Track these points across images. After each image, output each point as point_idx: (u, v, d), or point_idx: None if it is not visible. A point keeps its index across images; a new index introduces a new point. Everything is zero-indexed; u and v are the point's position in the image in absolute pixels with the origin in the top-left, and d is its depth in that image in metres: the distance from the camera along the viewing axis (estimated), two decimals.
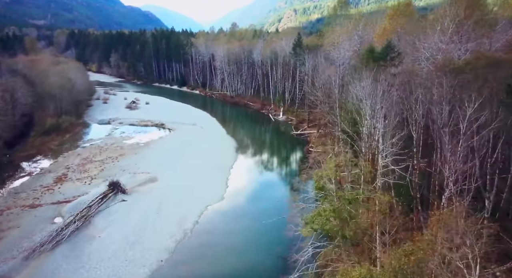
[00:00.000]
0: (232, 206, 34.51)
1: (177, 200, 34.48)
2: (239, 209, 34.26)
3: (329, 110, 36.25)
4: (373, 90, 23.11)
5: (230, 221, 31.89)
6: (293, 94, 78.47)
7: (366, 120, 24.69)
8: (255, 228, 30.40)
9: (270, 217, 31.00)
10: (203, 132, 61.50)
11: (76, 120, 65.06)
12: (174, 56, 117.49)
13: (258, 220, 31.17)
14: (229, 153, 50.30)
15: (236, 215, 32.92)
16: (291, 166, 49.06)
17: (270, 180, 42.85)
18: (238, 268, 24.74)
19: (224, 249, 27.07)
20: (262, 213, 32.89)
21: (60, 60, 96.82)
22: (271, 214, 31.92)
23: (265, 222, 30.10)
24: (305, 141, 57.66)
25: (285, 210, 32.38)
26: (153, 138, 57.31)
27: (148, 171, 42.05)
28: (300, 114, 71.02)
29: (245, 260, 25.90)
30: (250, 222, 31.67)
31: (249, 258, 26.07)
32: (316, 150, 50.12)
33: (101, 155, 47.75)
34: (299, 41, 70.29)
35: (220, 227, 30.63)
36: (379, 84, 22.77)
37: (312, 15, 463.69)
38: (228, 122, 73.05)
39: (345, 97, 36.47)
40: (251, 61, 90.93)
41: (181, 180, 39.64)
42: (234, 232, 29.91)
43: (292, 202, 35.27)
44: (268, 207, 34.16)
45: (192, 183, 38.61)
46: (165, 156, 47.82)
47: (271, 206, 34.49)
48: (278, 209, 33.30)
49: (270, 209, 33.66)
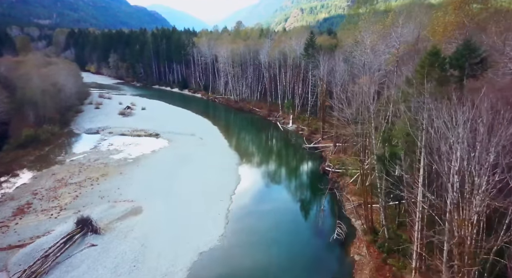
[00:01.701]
0: (233, 253, 26.75)
1: (163, 243, 26.87)
2: (241, 257, 26.52)
3: (361, 132, 28.25)
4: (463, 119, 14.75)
5: (229, 275, 24.19)
6: (303, 99, 70.69)
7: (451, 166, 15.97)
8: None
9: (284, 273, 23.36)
10: (202, 145, 53.92)
11: (60, 130, 57.80)
12: (175, 57, 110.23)
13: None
14: (231, 173, 42.61)
15: (236, 266, 25.19)
16: (306, 191, 41.03)
17: (280, 211, 34.87)
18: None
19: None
20: (271, 265, 25.12)
21: (51, 61, 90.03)
22: (284, 268, 24.27)
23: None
24: (320, 156, 49.78)
25: (304, 263, 24.70)
26: (144, 152, 49.83)
27: (132, 198, 34.57)
28: (312, 123, 63.11)
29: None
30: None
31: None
32: (333, 168, 42.29)
33: (79, 175, 40.33)
34: (311, 41, 62.38)
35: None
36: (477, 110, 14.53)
37: (319, 15, 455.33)
38: (231, 132, 65.39)
39: (385, 116, 28.65)
40: (257, 63, 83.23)
41: (170, 212, 32.08)
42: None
43: (312, 248, 27.67)
44: (280, 256, 26.36)
45: (184, 218, 30.98)
46: (155, 176, 40.28)
47: (284, 254, 26.66)
48: (294, 259, 25.58)
49: (282, 259, 25.90)
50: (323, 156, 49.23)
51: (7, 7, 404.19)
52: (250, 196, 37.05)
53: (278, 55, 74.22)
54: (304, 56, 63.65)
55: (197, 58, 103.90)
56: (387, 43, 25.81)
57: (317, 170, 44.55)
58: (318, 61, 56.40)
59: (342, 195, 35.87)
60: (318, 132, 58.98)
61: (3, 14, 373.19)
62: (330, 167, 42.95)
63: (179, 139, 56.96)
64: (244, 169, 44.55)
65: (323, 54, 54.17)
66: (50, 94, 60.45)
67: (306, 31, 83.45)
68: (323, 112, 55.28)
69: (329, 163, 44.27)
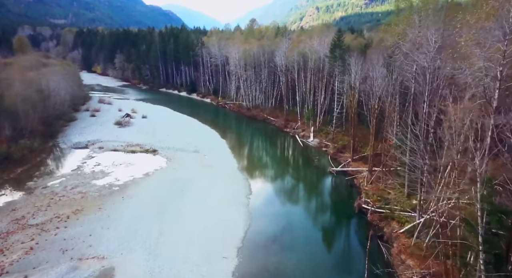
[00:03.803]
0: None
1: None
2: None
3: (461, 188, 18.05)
4: None
5: None
6: (327, 108, 60.76)
7: None
8: None
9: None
10: (206, 166, 44.68)
11: (42, 145, 49.53)
12: (183, 58, 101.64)
13: None
14: (240, 209, 33.18)
15: None
16: (338, 242, 30.63)
17: (304, 274, 25.11)
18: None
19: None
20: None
21: (48, 62, 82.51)
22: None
23: None
24: (352, 185, 39.77)
25: None
26: (135, 175, 40.91)
27: (104, 252, 25.52)
28: (338, 138, 53.09)
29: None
30: None
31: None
32: (373, 206, 32.23)
33: (47, 211, 31.61)
34: (339, 40, 52.26)
35: None
36: None
37: (336, 13, 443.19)
38: (241, 148, 56.04)
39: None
40: (272, 65, 73.59)
41: (154, 276, 22.91)
42: None
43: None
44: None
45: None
46: (142, 214, 31.22)
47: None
48: None
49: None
50: (357, 185, 39.18)
51: (24, 7, 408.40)
52: (262, 247, 27.41)
53: (297, 57, 64.42)
54: (329, 59, 53.64)
55: (206, 60, 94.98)
56: (487, 42, 16.11)
57: (350, 206, 34.54)
58: (348, 65, 46.44)
59: (390, 254, 25.87)
60: (347, 150, 49.00)
61: (19, 14, 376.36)
62: (369, 204, 32.89)
63: (180, 156, 47.90)
64: (255, 203, 34.96)
65: (355, 57, 44.13)
66: (34, 102, 52.29)
67: (328, 29, 73.37)
68: (353, 127, 45.23)
69: (366, 198, 34.21)
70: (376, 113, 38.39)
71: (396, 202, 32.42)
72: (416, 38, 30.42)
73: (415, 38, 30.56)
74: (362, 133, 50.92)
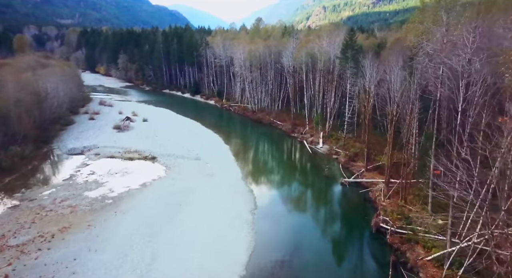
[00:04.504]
0: None
1: None
2: None
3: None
4: None
5: None
6: (336, 112, 57.34)
7: None
8: None
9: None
10: (208, 175, 41.50)
11: (35, 151, 46.74)
12: (187, 59, 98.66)
13: None
14: (243, 228, 29.89)
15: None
16: (354, 270, 26.73)
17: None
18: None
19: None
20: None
21: (47, 63, 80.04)
22: None
23: None
24: (367, 199, 36.26)
25: None
26: (131, 186, 37.86)
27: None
28: (349, 145, 49.53)
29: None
30: None
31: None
32: (393, 226, 28.67)
33: (31, 228, 28.64)
34: (351, 40, 48.68)
35: None
36: None
37: (343, 13, 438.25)
38: (245, 154, 52.82)
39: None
40: (279, 67, 70.21)
41: None
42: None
43: None
44: None
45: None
46: (133, 233, 28.06)
47: None
48: None
49: None
50: (372, 199, 35.65)
51: (31, 7, 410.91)
52: (269, 276, 24.05)
53: (306, 57, 60.95)
54: (341, 60, 50.10)
55: (211, 61, 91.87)
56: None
57: (367, 224, 31.04)
58: (362, 67, 42.90)
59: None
60: (359, 159, 45.48)
61: (27, 14, 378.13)
62: (388, 223, 29.34)
63: (180, 164, 44.77)
64: (260, 220, 31.58)
65: (369, 58, 40.55)
66: (28, 105, 49.61)
67: (337, 28, 69.69)
68: (367, 134, 41.67)
69: (385, 215, 30.67)
70: (394, 120, 34.85)
71: (419, 221, 28.86)
72: (443, 38, 26.85)
73: (441, 38, 26.97)
74: (375, 140, 47.44)
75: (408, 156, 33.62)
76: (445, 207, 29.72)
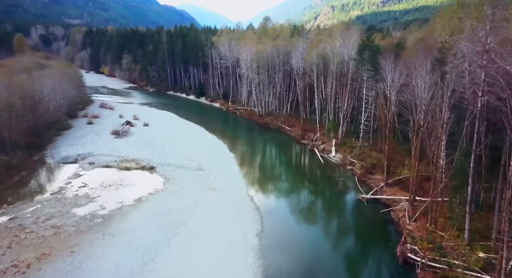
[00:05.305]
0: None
1: None
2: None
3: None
4: None
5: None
6: (349, 118, 53.11)
7: None
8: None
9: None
10: (210, 190, 37.66)
11: (26, 159, 43.43)
12: (192, 59, 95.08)
13: None
14: (248, 256, 25.91)
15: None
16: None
17: None
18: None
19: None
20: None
21: (47, 64, 77.11)
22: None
23: None
24: (388, 220, 31.99)
25: None
26: (125, 201, 34.16)
27: None
28: (365, 154, 45.24)
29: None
30: None
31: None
32: (424, 258, 24.38)
33: (5, 255, 25.02)
34: (368, 40, 44.34)
35: None
36: None
37: (352, 12, 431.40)
38: (251, 164, 48.93)
39: None
40: (288, 68, 66.08)
41: None
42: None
43: None
44: None
45: None
46: (122, 265, 24.23)
47: None
48: None
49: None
50: (395, 220, 31.37)
51: (40, 7, 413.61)
52: None
53: (317, 59, 56.67)
54: (357, 62, 45.81)
55: (216, 61, 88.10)
56: None
57: (391, 252, 26.78)
58: (381, 69, 38.59)
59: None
60: (377, 171, 41.16)
61: (35, 14, 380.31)
62: (417, 253, 25.04)
63: (181, 176, 41.00)
64: (268, 247, 27.50)
65: (391, 60, 36.20)
66: (20, 109, 46.36)
67: (349, 27, 65.25)
68: (388, 145, 37.32)
69: (413, 243, 26.35)
70: (422, 130, 30.56)
71: (455, 253, 24.54)
72: (487, 36, 22.52)
73: (485, 37, 22.64)
74: (393, 148, 42.97)
75: (438, 172, 29.23)
76: (486, 235, 25.48)
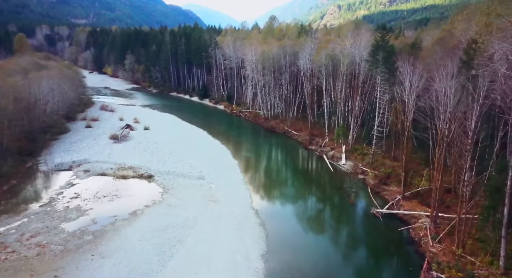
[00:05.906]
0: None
1: None
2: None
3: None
4: None
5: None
6: (360, 121, 50.03)
7: None
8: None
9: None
10: (212, 202, 34.84)
11: (17, 166, 40.95)
12: (195, 60, 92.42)
13: None
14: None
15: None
16: None
17: None
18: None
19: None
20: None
21: (47, 65, 74.93)
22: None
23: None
24: (406, 239, 28.89)
25: None
26: (119, 215, 31.51)
27: None
28: (378, 162, 42.12)
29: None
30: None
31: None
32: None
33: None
34: (383, 40, 41.14)
35: None
36: None
37: (358, 11, 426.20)
38: (256, 172, 46.04)
39: None
40: (295, 70, 63.08)
41: None
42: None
43: None
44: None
45: None
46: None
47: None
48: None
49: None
50: (415, 240, 28.25)
51: (47, 7, 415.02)
52: None
53: (325, 60, 53.59)
54: (370, 63, 42.69)
55: (220, 62, 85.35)
56: None
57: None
58: (398, 72, 35.45)
59: None
60: (392, 181, 38.04)
61: (42, 14, 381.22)
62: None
63: (180, 185, 38.26)
64: (274, 271, 24.63)
65: (410, 62, 33.07)
66: (13, 113, 43.91)
67: (358, 27, 62.09)
68: (406, 155, 34.17)
69: (437, 270, 23.26)
70: (446, 141, 27.43)
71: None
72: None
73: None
74: (408, 157, 39.80)
75: (464, 187, 26.06)
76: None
